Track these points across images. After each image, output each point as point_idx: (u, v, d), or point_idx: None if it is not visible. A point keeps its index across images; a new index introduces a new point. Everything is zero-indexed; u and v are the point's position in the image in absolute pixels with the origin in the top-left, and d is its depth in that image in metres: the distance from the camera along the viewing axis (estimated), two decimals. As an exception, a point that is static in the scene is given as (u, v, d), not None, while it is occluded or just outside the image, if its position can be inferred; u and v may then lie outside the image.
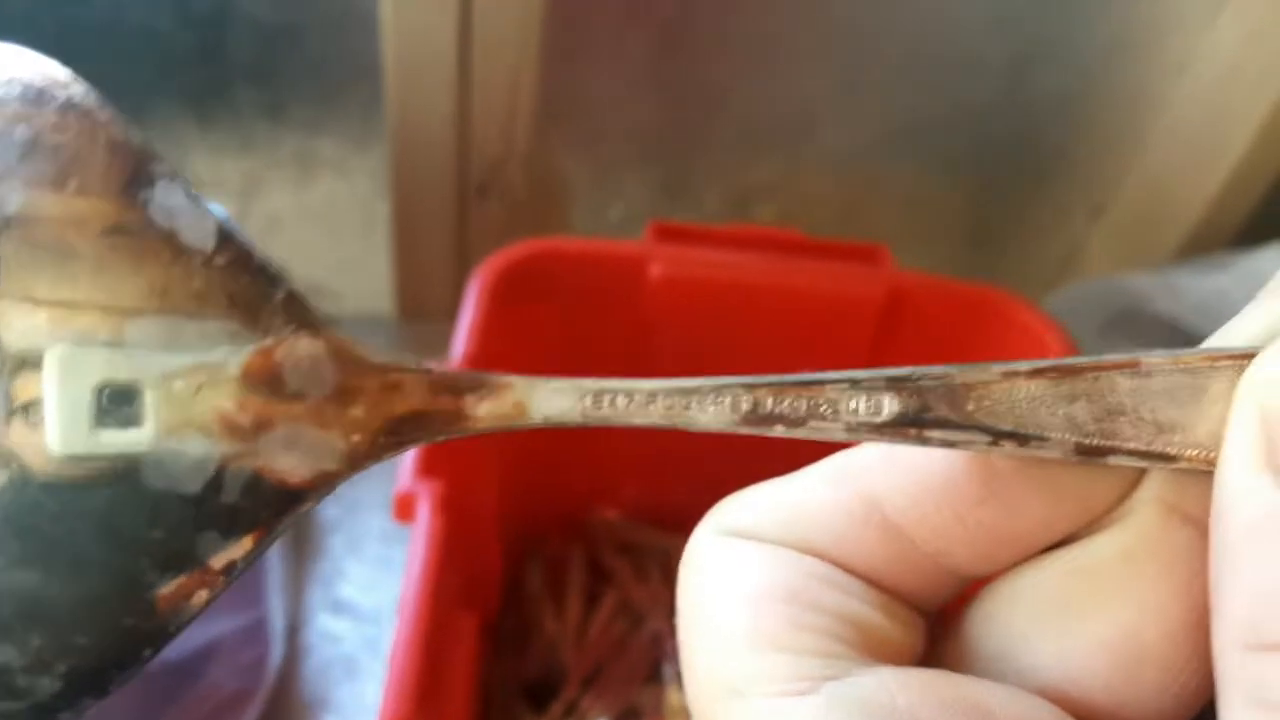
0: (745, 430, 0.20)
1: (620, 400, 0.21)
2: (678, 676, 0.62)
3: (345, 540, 0.70)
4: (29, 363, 0.19)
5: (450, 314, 0.56)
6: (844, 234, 0.79)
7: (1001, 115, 0.76)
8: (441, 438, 0.21)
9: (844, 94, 0.75)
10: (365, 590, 0.68)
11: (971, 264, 0.84)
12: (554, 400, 0.21)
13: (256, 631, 0.63)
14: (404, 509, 0.50)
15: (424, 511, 0.49)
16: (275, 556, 0.66)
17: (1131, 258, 0.77)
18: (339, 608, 0.67)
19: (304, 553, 0.69)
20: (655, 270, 0.59)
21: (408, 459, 0.51)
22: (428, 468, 0.51)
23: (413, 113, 0.69)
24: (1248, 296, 0.20)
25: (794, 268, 0.59)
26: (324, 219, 0.77)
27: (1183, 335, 0.63)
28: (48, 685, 0.19)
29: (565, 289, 0.60)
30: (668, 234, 0.60)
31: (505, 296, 0.57)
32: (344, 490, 0.65)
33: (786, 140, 0.77)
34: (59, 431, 0.19)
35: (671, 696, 0.61)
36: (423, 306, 0.79)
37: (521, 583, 0.68)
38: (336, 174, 0.75)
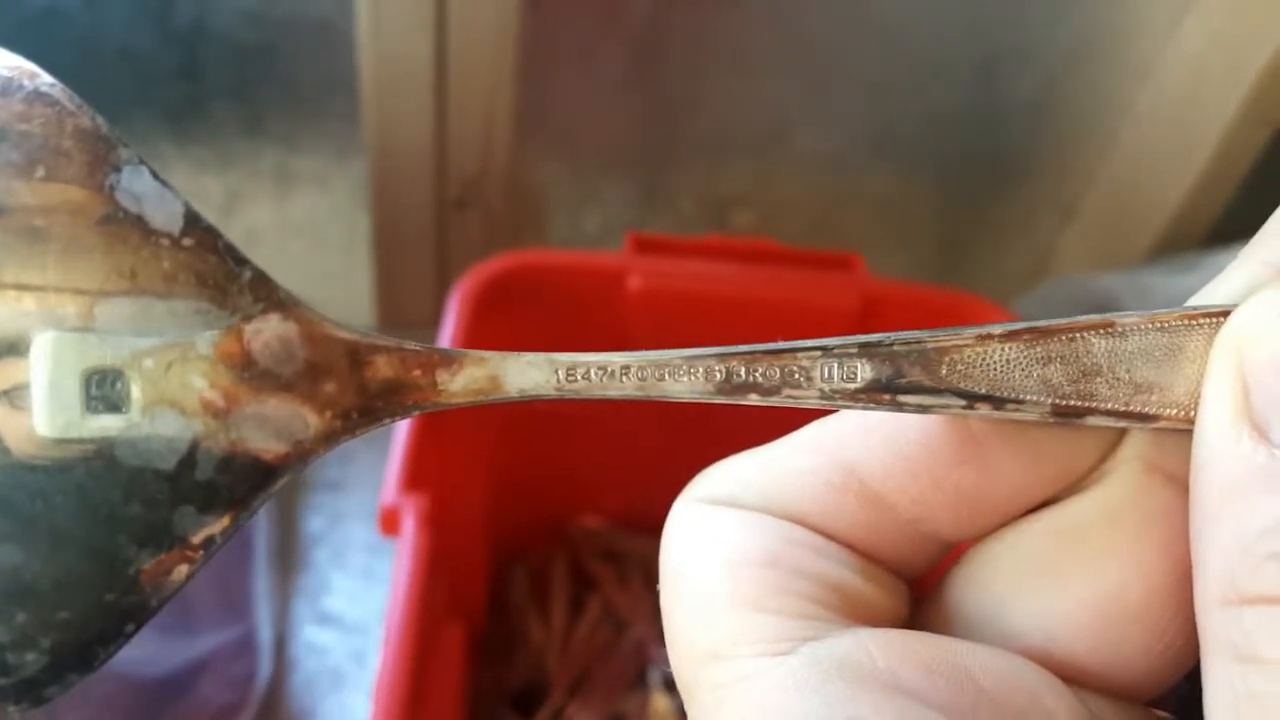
0: (720, 400, 0.20)
1: (594, 373, 0.21)
2: (662, 682, 0.63)
3: (330, 552, 0.70)
4: (11, 348, 0.19)
5: (431, 326, 0.57)
6: (819, 239, 0.79)
7: (971, 120, 0.76)
8: (416, 412, 0.21)
9: (816, 101, 0.75)
10: (351, 602, 0.68)
11: (944, 267, 0.84)
12: (528, 373, 0.21)
13: (244, 646, 0.63)
14: (389, 523, 0.50)
15: (409, 525, 0.49)
16: (261, 570, 0.67)
17: (1102, 259, 0.77)
18: (325, 620, 0.67)
19: (290, 565, 0.69)
20: (634, 282, 0.59)
21: (392, 473, 0.51)
22: (412, 481, 0.51)
23: (390, 130, 0.69)
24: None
25: (770, 279, 0.59)
26: (304, 232, 0.78)
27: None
28: (34, 661, 0.19)
29: (544, 301, 0.60)
30: (646, 245, 0.60)
31: (485, 308, 0.57)
32: (329, 502, 0.65)
33: (761, 148, 0.77)
34: (49, 415, 0.19)
35: (657, 701, 0.62)
36: (404, 319, 0.79)
37: (506, 592, 0.68)
38: (316, 187, 0.75)
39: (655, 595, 0.22)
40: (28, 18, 0.65)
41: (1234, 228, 0.72)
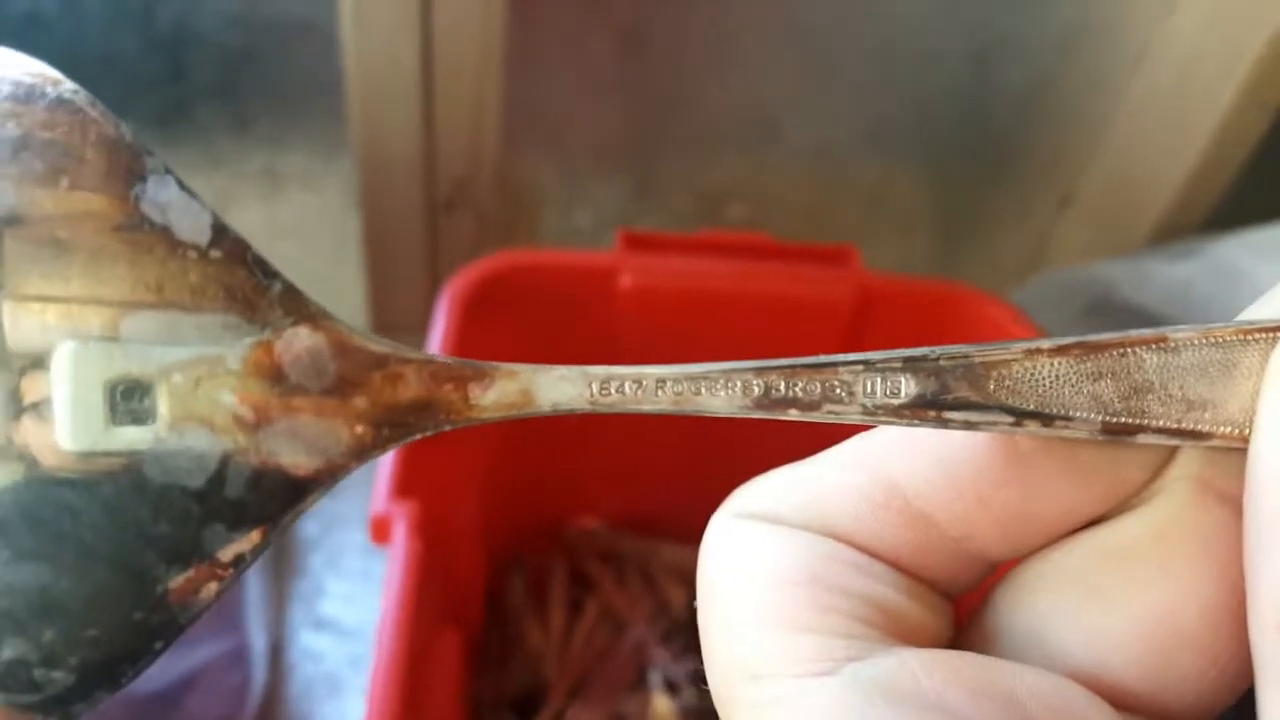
0: (758, 415, 0.20)
1: (629, 386, 0.20)
2: (662, 683, 0.62)
3: (325, 557, 0.70)
4: (37, 362, 0.19)
5: (424, 326, 0.56)
6: (813, 231, 0.79)
7: (965, 109, 0.76)
8: (447, 427, 0.20)
9: (808, 92, 0.75)
10: (347, 606, 0.68)
11: (941, 257, 0.84)
12: (561, 387, 0.20)
13: (237, 657, 0.63)
14: (380, 531, 0.50)
15: (400, 533, 0.49)
16: (254, 580, 0.66)
17: (1099, 247, 0.77)
18: (321, 625, 0.67)
19: (284, 571, 0.69)
20: (626, 280, 0.58)
21: (383, 480, 0.50)
22: (404, 489, 0.50)
23: (377, 130, 0.68)
24: (1214, 284, 0.20)
25: (763, 274, 0.59)
26: (294, 233, 0.77)
27: (1150, 323, 0.63)
28: (61, 678, 0.19)
29: (536, 300, 0.60)
30: (637, 242, 0.60)
31: (477, 308, 0.57)
32: (322, 506, 0.64)
33: (753, 140, 0.77)
34: (72, 428, 0.19)
35: (657, 703, 0.61)
36: (396, 320, 0.79)
37: (503, 596, 0.68)
38: (306, 187, 0.74)
39: (654, 596, 0.22)
40: (8, 24, 0.64)
41: (1232, 213, 0.72)
